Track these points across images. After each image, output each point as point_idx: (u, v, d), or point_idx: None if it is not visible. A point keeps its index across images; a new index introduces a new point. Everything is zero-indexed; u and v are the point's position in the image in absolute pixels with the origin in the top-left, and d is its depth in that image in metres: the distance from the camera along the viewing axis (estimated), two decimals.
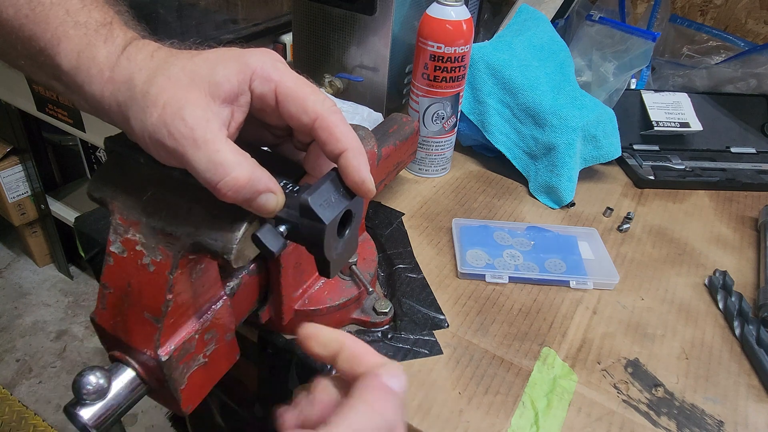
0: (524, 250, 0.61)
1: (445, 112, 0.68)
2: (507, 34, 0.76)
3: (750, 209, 0.73)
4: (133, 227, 0.34)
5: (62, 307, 1.70)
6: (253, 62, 0.31)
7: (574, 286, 0.57)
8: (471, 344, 0.50)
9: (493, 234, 0.62)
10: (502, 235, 0.62)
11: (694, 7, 0.97)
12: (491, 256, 0.59)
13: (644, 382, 0.48)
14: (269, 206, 0.31)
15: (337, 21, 0.75)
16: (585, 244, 0.62)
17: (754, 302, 0.57)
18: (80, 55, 0.31)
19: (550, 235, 0.63)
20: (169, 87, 0.29)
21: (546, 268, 0.58)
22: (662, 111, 0.82)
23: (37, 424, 1.39)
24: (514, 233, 0.63)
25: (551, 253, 0.60)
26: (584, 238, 0.63)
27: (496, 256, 0.59)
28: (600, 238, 0.63)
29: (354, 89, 0.78)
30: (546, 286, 0.57)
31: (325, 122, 0.31)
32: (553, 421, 0.44)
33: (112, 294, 0.35)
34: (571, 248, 0.61)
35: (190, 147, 0.29)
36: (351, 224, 0.35)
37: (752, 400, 0.48)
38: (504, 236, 0.62)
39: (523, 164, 0.73)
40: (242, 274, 0.40)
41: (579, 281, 0.57)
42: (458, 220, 0.64)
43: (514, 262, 0.59)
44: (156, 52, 0.31)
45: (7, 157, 1.54)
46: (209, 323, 0.37)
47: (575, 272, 0.58)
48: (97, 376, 0.33)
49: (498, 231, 0.63)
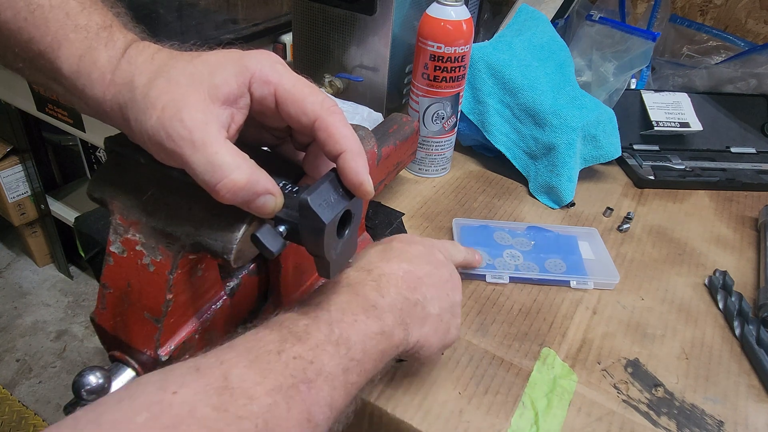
0: (524, 250, 0.61)
1: (445, 112, 0.68)
2: (507, 34, 0.76)
3: (750, 209, 0.73)
4: (133, 227, 0.34)
5: (62, 307, 1.70)
6: (252, 65, 0.31)
7: (575, 286, 0.57)
8: (471, 344, 0.50)
9: (494, 234, 0.62)
10: (502, 235, 0.62)
11: (694, 7, 0.97)
12: (491, 256, 0.59)
13: (644, 382, 0.48)
14: (268, 208, 0.31)
15: (337, 21, 0.75)
16: (585, 244, 0.62)
17: (754, 302, 0.57)
18: (81, 60, 0.31)
19: (551, 235, 0.63)
20: (168, 89, 0.29)
21: (546, 268, 0.58)
22: (662, 111, 0.82)
23: (37, 424, 1.39)
24: (514, 233, 0.63)
25: (551, 253, 0.60)
26: (584, 238, 0.63)
27: (496, 256, 0.59)
28: (600, 237, 0.63)
29: (354, 89, 0.78)
30: (546, 286, 0.57)
31: (324, 123, 0.31)
32: (553, 421, 0.44)
33: (112, 294, 0.35)
34: (572, 248, 0.61)
35: (189, 149, 0.29)
36: (350, 224, 0.35)
37: (752, 400, 0.48)
38: (504, 236, 0.62)
39: (523, 164, 0.73)
40: (242, 274, 0.40)
41: (579, 281, 0.57)
42: (458, 220, 0.64)
43: (515, 262, 0.59)
44: (156, 54, 0.31)
45: (7, 157, 1.54)
46: (209, 323, 0.37)
47: (575, 272, 0.58)
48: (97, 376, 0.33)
49: (498, 231, 0.63)
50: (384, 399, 0.44)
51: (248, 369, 0.28)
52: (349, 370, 0.32)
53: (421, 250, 0.42)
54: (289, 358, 0.30)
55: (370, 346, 0.34)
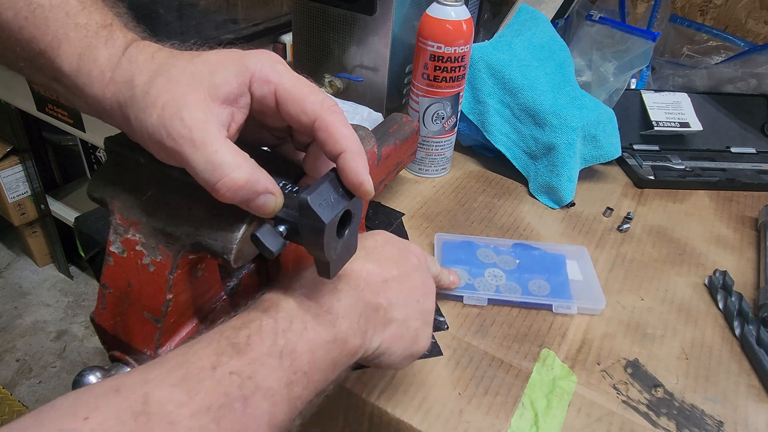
0: (508, 269, 0.57)
1: (445, 112, 0.68)
2: (507, 34, 0.76)
3: (750, 209, 0.73)
4: (133, 227, 0.34)
5: (62, 307, 1.70)
6: (252, 65, 0.31)
7: (557, 310, 0.54)
8: (471, 346, 0.50)
9: (477, 251, 0.59)
10: (486, 252, 0.59)
11: (694, 7, 0.97)
12: (472, 276, 0.56)
13: (644, 383, 0.48)
14: (268, 207, 0.31)
15: (337, 21, 0.75)
16: (574, 264, 0.59)
17: (754, 302, 0.57)
18: (81, 58, 0.31)
19: (537, 254, 0.60)
20: (168, 88, 0.29)
21: (529, 290, 0.55)
22: (662, 111, 0.82)
23: None
24: (498, 250, 0.60)
25: (537, 273, 0.57)
26: (573, 256, 0.60)
27: (477, 276, 0.56)
28: (589, 257, 0.60)
29: (354, 89, 0.78)
30: (525, 309, 0.54)
31: (324, 123, 0.31)
32: (553, 421, 0.44)
33: (112, 294, 0.36)
34: (558, 268, 0.58)
35: (189, 147, 0.29)
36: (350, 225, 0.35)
37: (752, 400, 0.48)
38: (488, 254, 0.59)
39: (523, 164, 0.73)
40: (242, 274, 0.40)
41: (562, 305, 0.54)
42: (441, 236, 0.61)
43: (496, 283, 0.55)
44: (157, 53, 0.32)
45: (7, 157, 1.54)
46: (209, 323, 0.37)
47: (559, 295, 0.55)
48: (97, 376, 0.33)
49: (482, 248, 0.60)
50: (384, 399, 0.44)
51: (174, 388, 0.26)
52: (293, 383, 0.30)
53: (394, 253, 0.40)
54: (224, 373, 0.27)
55: (320, 356, 0.31)
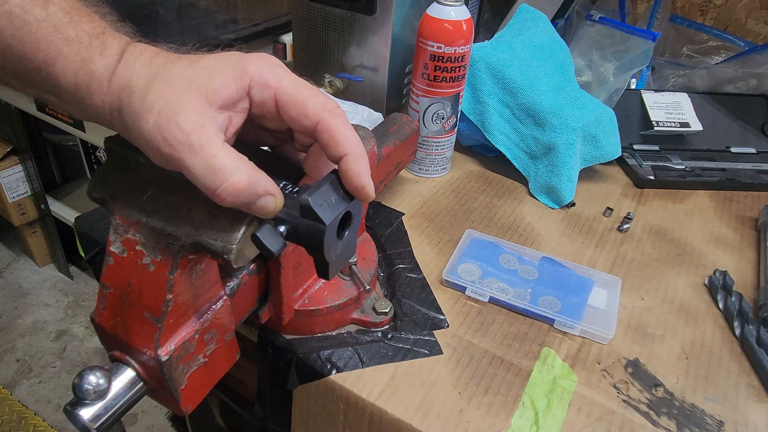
0: (524, 279, 0.55)
1: (445, 112, 0.68)
2: (507, 34, 0.76)
3: (750, 209, 0.73)
4: (133, 227, 0.34)
5: (62, 307, 1.70)
6: (251, 69, 0.31)
7: (558, 326, 0.51)
8: (471, 344, 0.50)
9: (500, 256, 0.58)
10: (509, 258, 0.58)
11: (694, 7, 0.97)
12: (484, 275, 0.56)
13: (644, 382, 0.48)
14: (268, 209, 0.31)
15: (337, 21, 0.75)
16: (602, 292, 0.55)
17: (754, 302, 0.57)
18: (78, 73, 0.30)
19: (563, 272, 0.56)
20: (165, 93, 0.29)
21: (537, 303, 0.53)
22: (662, 111, 0.82)
23: (37, 424, 1.39)
24: (523, 260, 0.58)
25: (554, 289, 0.54)
26: (604, 284, 0.56)
27: (487, 276, 0.56)
28: (619, 290, 0.55)
29: (354, 89, 0.78)
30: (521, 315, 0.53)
31: (326, 126, 0.31)
32: (553, 421, 0.44)
33: (112, 294, 0.36)
34: (581, 291, 0.54)
35: (187, 153, 0.28)
36: (350, 226, 0.35)
37: (752, 400, 0.48)
38: (511, 260, 0.58)
39: (523, 164, 0.73)
40: (242, 274, 0.40)
41: (566, 323, 0.51)
42: (472, 232, 0.61)
43: (499, 285, 0.55)
44: (154, 58, 0.31)
45: (7, 157, 1.54)
46: (209, 323, 0.37)
47: (569, 315, 0.51)
48: (97, 376, 0.33)
49: (507, 254, 0.58)
50: (384, 399, 0.44)
51: None
52: None
53: None
54: None
55: None
